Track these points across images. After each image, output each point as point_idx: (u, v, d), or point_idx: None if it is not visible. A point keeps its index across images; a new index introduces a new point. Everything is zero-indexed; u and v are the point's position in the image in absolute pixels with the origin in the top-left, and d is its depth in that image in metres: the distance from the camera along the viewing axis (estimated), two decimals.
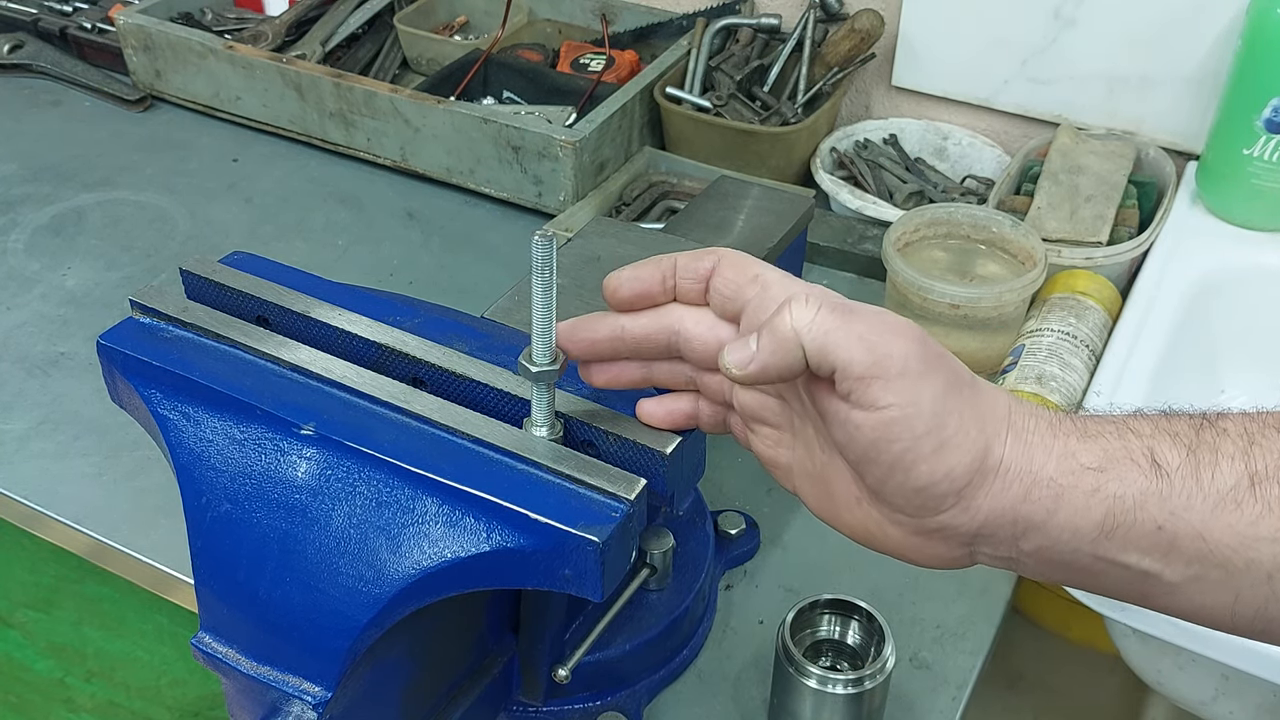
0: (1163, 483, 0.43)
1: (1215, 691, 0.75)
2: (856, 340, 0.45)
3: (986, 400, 0.46)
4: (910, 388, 0.44)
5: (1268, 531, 0.41)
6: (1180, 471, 0.43)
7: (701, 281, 0.52)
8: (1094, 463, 0.44)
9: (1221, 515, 0.42)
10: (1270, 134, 0.99)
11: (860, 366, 0.45)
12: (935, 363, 0.45)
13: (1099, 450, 0.44)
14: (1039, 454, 0.45)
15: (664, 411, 0.56)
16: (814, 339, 0.46)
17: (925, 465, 0.45)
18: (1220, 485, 0.42)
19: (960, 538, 0.47)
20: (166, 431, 0.60)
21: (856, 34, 1.19)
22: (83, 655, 1.04)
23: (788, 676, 0.68)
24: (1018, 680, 1.10)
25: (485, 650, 0.70)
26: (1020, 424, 0.46)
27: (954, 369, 0.46)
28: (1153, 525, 0.43)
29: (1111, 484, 0.44)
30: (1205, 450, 0.43)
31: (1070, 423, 0.46)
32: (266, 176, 1.26)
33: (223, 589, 0.58)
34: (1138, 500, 0.43)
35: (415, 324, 0.64)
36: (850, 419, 0.46)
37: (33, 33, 1.44)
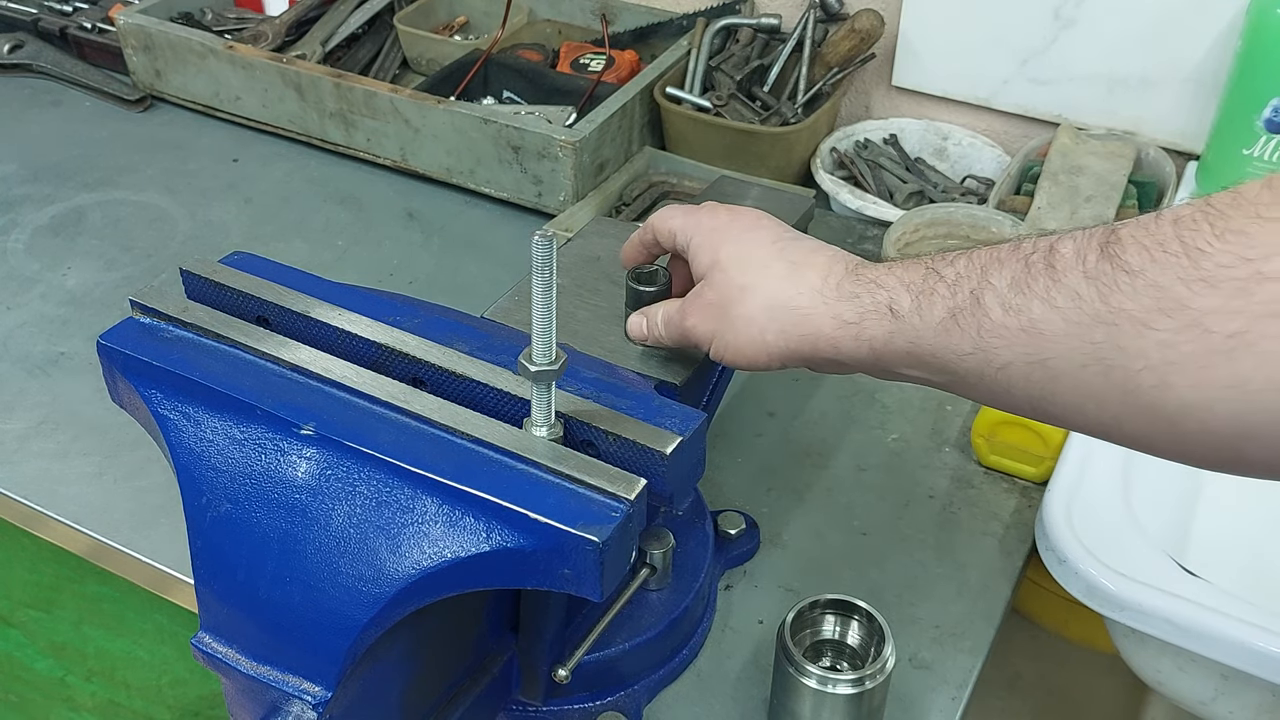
0: (899, 323, 0.59)
1: (1215, 691, 0.75)
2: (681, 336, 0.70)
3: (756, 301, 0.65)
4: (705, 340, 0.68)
5: (968, 347, 0.56)
6: (909, 314, 0.58)
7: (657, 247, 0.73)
8: (853, 318, 0.61)
9: (939, 339, 0.57)
10: (1270, 134, 0.99)
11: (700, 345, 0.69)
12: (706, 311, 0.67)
13: (855, 309, 0.61)
14: (815, 321, 0.62)
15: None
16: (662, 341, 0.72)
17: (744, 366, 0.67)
18: (934, 318, 0.57)
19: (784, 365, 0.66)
20: (166, 431, 0.60)
21: (856, 34, 1.19)
22: (83, 655, 1.04)
23: (788, 676, 0.68)
24: (1017, 680, 1.10)
25: (485, 650, 0.70)
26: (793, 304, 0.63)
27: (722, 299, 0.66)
28: (903, 351, 0.59)
29: (867, 331, 0.60)
30: (926, 295, 0.58)
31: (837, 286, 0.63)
32: (266, 176, 1.26)
33: (223, 589, 0.58)
34: (887, 338, 0.60)
35: (415, 324, 0.64)
36: None
37: (33, 33, 1.44)
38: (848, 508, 0.88)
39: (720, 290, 0.67)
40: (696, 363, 0.73)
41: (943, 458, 0.93)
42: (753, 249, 0.67)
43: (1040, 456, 0.88)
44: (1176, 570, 0.74)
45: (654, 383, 0.71)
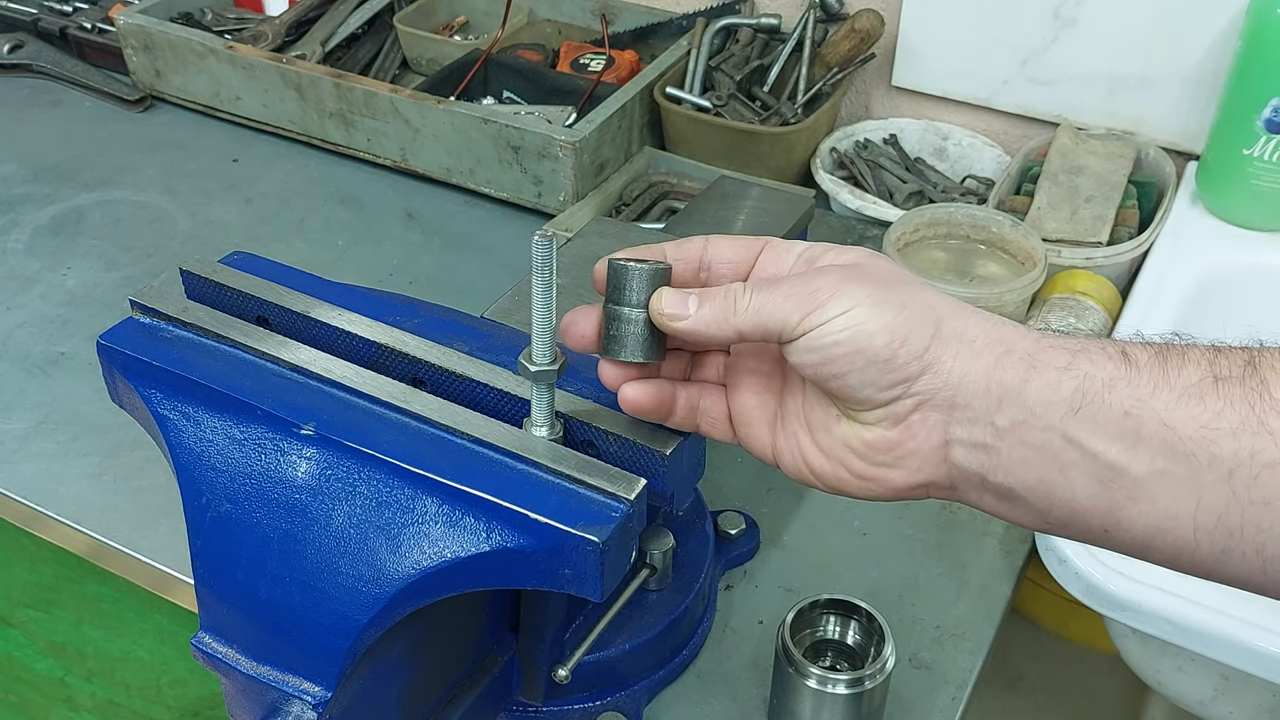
0: (1131, 371, 0.45)
1: (1215, 691, 0.75)
2: (783, 300, 0.50)
3: (938, 294, 0.50)
4: (844, 300, 0.49)
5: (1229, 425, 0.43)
6: (1149, 366, 0.45)
7: (693, 263, 0.55)
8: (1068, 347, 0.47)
9: (1185, 406, 0.44)
10: (1270, 134, 0.99)
11: (796, 314, 0.49)
12: (863, 276, 0.50)
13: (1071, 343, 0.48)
14: (1010, 332, 0.48)
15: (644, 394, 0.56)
16: (748, 319, 0.51)
17: (879, 341, 0.48)
18: (1185, 380, 0.44)
19: (936, 415, 0.49)
20: (166, 431, 0.60)
21: (856, 34, 1.19)
22: (83, 655, 1.04)
23: (788, 676, 0.68)
24: (1018, 680, 1.10)
25: (485, 650, 0.70)
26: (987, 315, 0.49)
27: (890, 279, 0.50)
28: (1120, 409, 0.45)
29: (1083, 364, 0.46)
30: (1173, 354, 0.46)
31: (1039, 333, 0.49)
32: (266, 176, 1.26)
33: (223, 589, 0.58)
34: (1107, 382, 0.45)
35: (415, 324, 0.64)
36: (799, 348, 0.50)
37: (33, 33, 1.44)
38: (848, 508, 0.88)
39: (884, 274, 0.51)
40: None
41: None
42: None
43: None
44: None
45: None
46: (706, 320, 0.51)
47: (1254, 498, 0.43)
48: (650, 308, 0.53)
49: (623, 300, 0.53)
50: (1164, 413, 0.44)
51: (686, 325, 0.52)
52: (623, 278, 0.53)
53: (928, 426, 0.49)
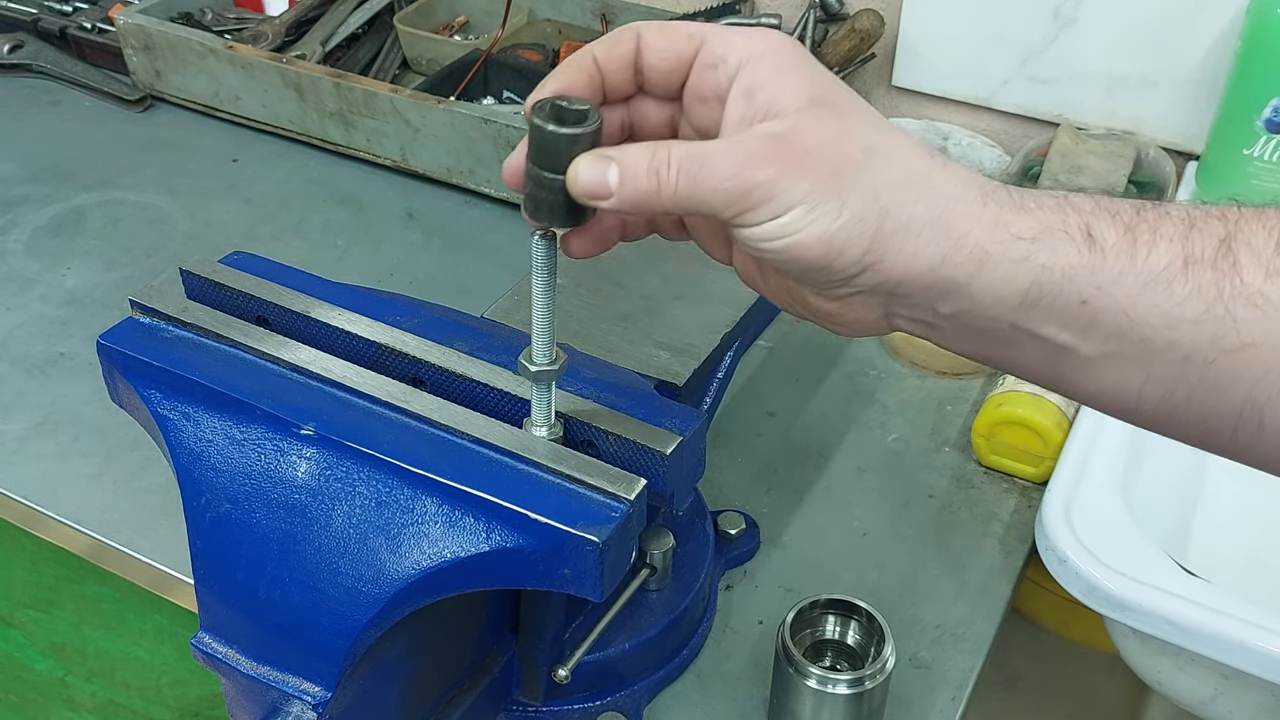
0: (1095, 257, 0.43)
1: (1215, 691, 0.75)
2: (713, 191, 0.45)
3: (886, 169, 0.45)
4: (780, 202, 0.44)
5: (1192, 313, 0.41)
6: (1115, 248, 0.43)
7: (629, 66, 0.50)
8: (1026, 233, 0.44)
9: (1149, 294, 0.42)
10: (1270, 134, 0.99)
11: (727, 211, 0.45)
12: (804, 161, 0.45)
13: (1033, 221, 0.44)
14: (963, 220, 0.44)
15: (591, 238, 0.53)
16: (674, 203, 0.46)
17: (814, 253, 0.45)
18: (1154, 264, 0.42)
19: (875, 298, 0.47)
20: (166, 431, 0.60)
21: (856, 34, 1.19)
22: (83, 655, 1.04)
23: (788, 676, 0.68)
24: (1017, 680, 1.10)
25: (485, 650, 0.70)
26: (941, 189, 0.45)
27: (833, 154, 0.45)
28: (1078, 299, 0.43)
29: (1042, 254, 0.43)
30: (1144, 229, 0.43)
31: (1005, 193, 0.45)
32: (266, 177, 1.26)
33: (223, 589, 0.58)
34: (1066, 273, 0.43)
35: (415, 324, 0.64)
36: (736, 236, 0.47)
37: (33, 33, 1.44)
38: (848, 508, 0.88)
39: (829, 139, 0.45)
40: (699, 360, 0.73)
41: (942, 458, 0.93)
42: (866, 104, 0.48)
43: (1040, 456, 0.88)
44: (1176, 570, 0.73)
45: (654, 383, 0.71)
46: (630, 200, 0.46)
47: (1204, 379, 0.42)
48: (567, 178, 0.48)
49: (542, 164, 0.48)
50: (1125, 301, 0.43)
51: (610, 204, 0.47)
52: (541, 140, 0.47)
53: (866, 306, 0.48)
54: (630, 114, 0.52)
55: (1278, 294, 0.41)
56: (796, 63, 0.47)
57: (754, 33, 0.48)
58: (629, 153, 0.46)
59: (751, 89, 0.47)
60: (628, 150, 0.47)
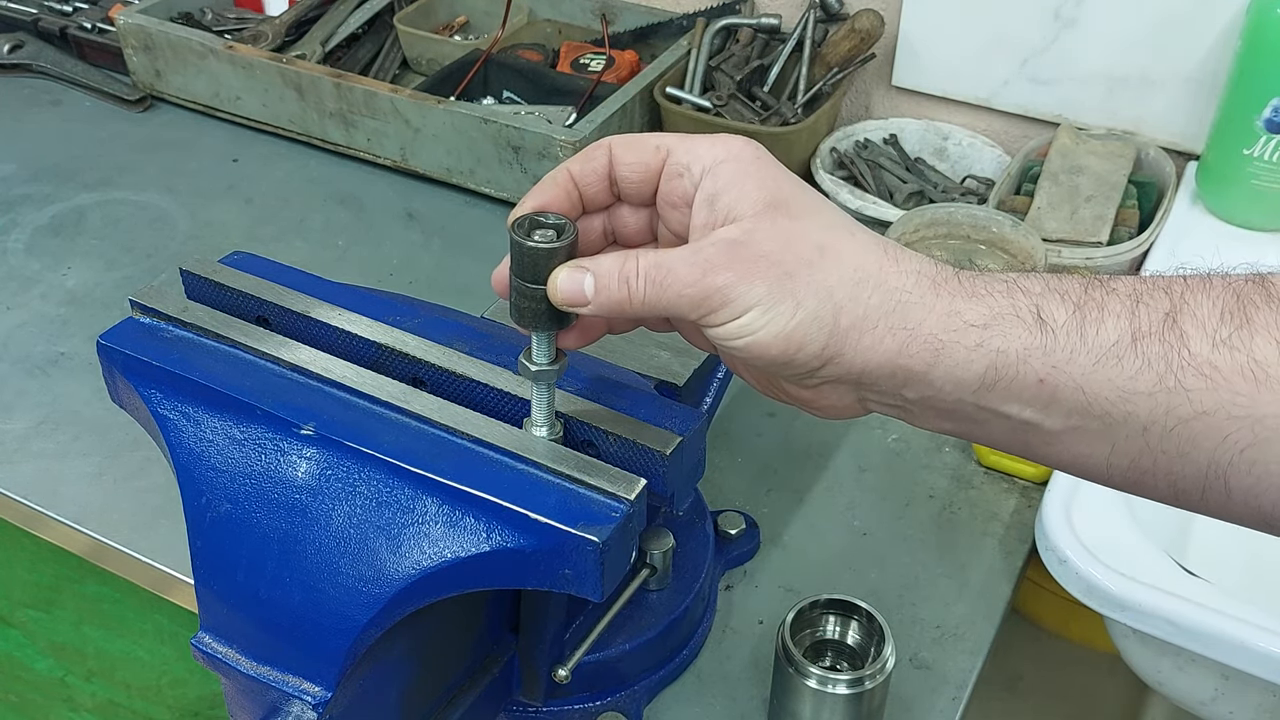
0: (1047, 338, 0.45)
1: (1215, 691, 0.75)
2: (677, 297, 0.48)
3: (837, 269, 0.48)
4: (737, 305, 0.47)
5: (1145, 386, 0.43)
6: (1065, 328, 0.44)
7: (604, 179, 0.53)
8: (978, 320, 0.46)
9: (1102, 370, 0.44)
10: (1270, 134, 0.99)
11: (692, 314, 0.49)
12: (758, 265, 0.47)
13: (984, 308, 0.46)
14: (915, 311, 0.46)
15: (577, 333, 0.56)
16: (644, 310, 0.50)
17: (774, 351, 0.48)
18: (1103, 341, 0.44)
19: (845, 386, 0.50)
20: (166, 431, 0.60)
21: (856, 34, 1.19)
22: (83, 655, 1.04)
23: (788, 676, 0.68)
24: (1017, 681, 1.10)
25: (485, 650, 0.70)
26: (892, 284, 0.47)
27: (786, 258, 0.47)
28: (1034, 379, 0.45)
29: (995, 339, 0.45)
30: (1092, 308, 0.44)
31: (956, 281, 0.47)
32: (266, 176, 1.26)
33: (223, 589, 0.58)
34: (1020, 355, 0.45)
35: (415, 324, 0.64)
36: (705, 334, 0.50)
37: (33, 33, 1.44)
38: (848, 508, 0.88)
39: (782, 243, 0.48)
40: (700, 360, 0.73)
41: (943, 458, 0.93)
42: (820, 203, 0.50)
43: None
44: (1176, 570, 0.73)
45: (654, 383, 0.71)
46: (605, 307, 0.50)
47: (1166, 449, 0.44)
48: (547, 288, 0.51)
49: (524, 275, 0.52)
50: (1080, 378, 0.44)
51: (588, 310, 0.51)
52: (521, 254, 0.51)
53: (838, 393, 0.51)
54: (611, 220, 0.56)
55: (1225, 363, 0.42)
56: (754, 168, 0.50)
57: (716, 139, 0.51)
58: (602, 263, 0.50)
59: (713, 196, 0.50)
60: (600, 261, 0.50)
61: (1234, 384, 0.42)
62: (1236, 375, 0.42)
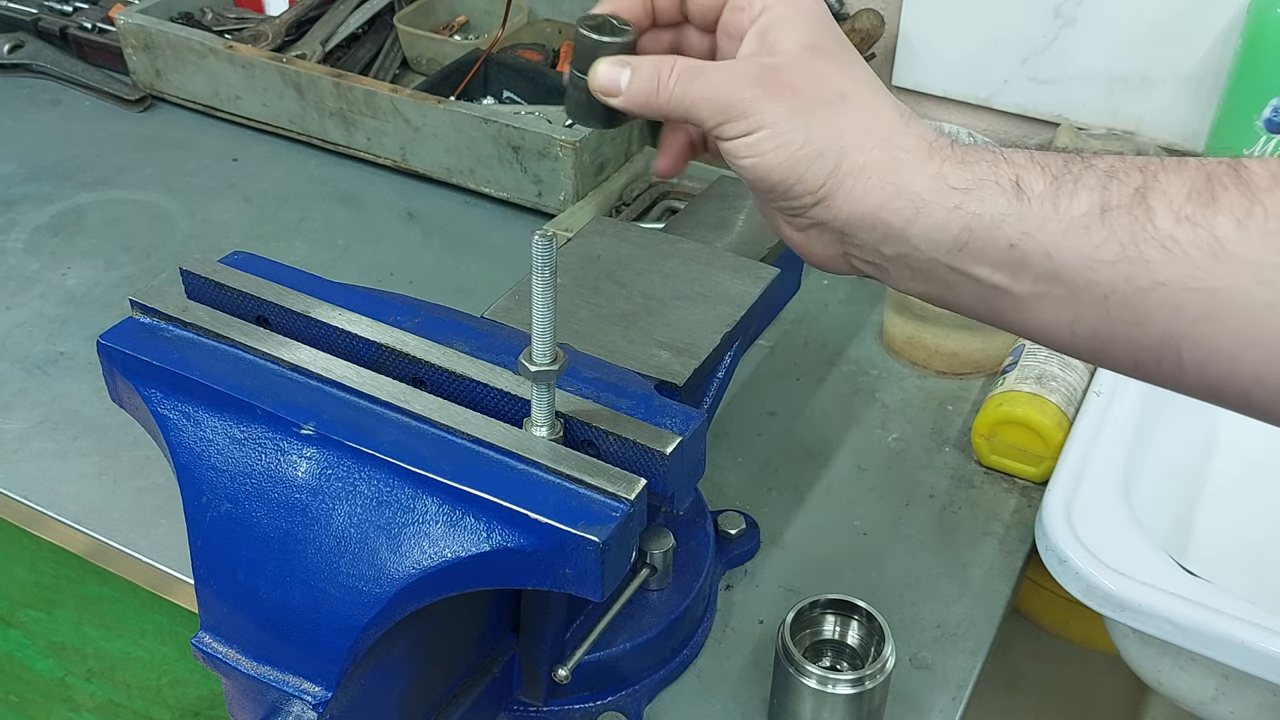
0: (1022, 205, 0.47)
1: (1215, 691, 0.75)
2: (702, 99, 0.53)
3: (854, 116, 0.51)
4: (754, 120, 0.51)
5: (1109, 255, 0.46)
6: (1040, 197, 0.47)
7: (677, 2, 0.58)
8: (961, 184, 0.49)
9: (1070, 238, 0.46)
10: (1270, 134, 0.99)
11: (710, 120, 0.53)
12: (784, 91, 0.51)
13: (969, 174, 0.49)
14: (908, 170, 0.50)
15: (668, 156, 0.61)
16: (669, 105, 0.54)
17: (776, 176, 0.52)
18: (1074, 211, 0.46)
19: (830, 235, 0.54)
20: (166, 431, 0.60)
21: (857, 34, 1.19)
22: (83, 655, 1.04)
23: (788, 676, 0.68)
24: (1018, 680, 1.10)
25: (485, 650, 0.70)
26: (897, 141, 0.51)
27: (811, 92, 0.52)
28: (1006, 243, 0.48)
29: (973, 204, 0.48)
30: (1068, 179, 0.47)
31: (950, 149, 0.50)
32: (266, 176, 1.26)
33: (223, 589, 0.58)
34: (995, 220, 0.48)
35: (415, 324, 0.64)
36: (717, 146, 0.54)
37: (33, 33, 1.44)
38: (848, 507, 0.88)
39: (812, 80, 0.52)
40: (699, 360, 0.73)
41: (943, 457, 0.93)
42: (858, 61, 0.54)
43: (1040, 456, 0.88)
44: (1176, 570, 0.73)
45: (654, 383, 0.71)
46: (635, 99, 0.55)
47: (1124, 317, 0.46)
48: (588, 78, 0.56)
49: (578, 66, 0.57)
50: (1049, 244, 0.47)
51: (619, 102, 0.55)
52: (580, 45, 0.57)
53: (824, 241, 0.54)
54: (679, 39, 0.60)
55: (1186, 237, 0.44)
56: (808, 15, 0.54)
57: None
58: (642, 61, 0.55)
59: (764, 30, 0.54)
60: (642, 59, 0.55)
61: (1192, 257, 0.44)
62: (1195, 249, 0.44)
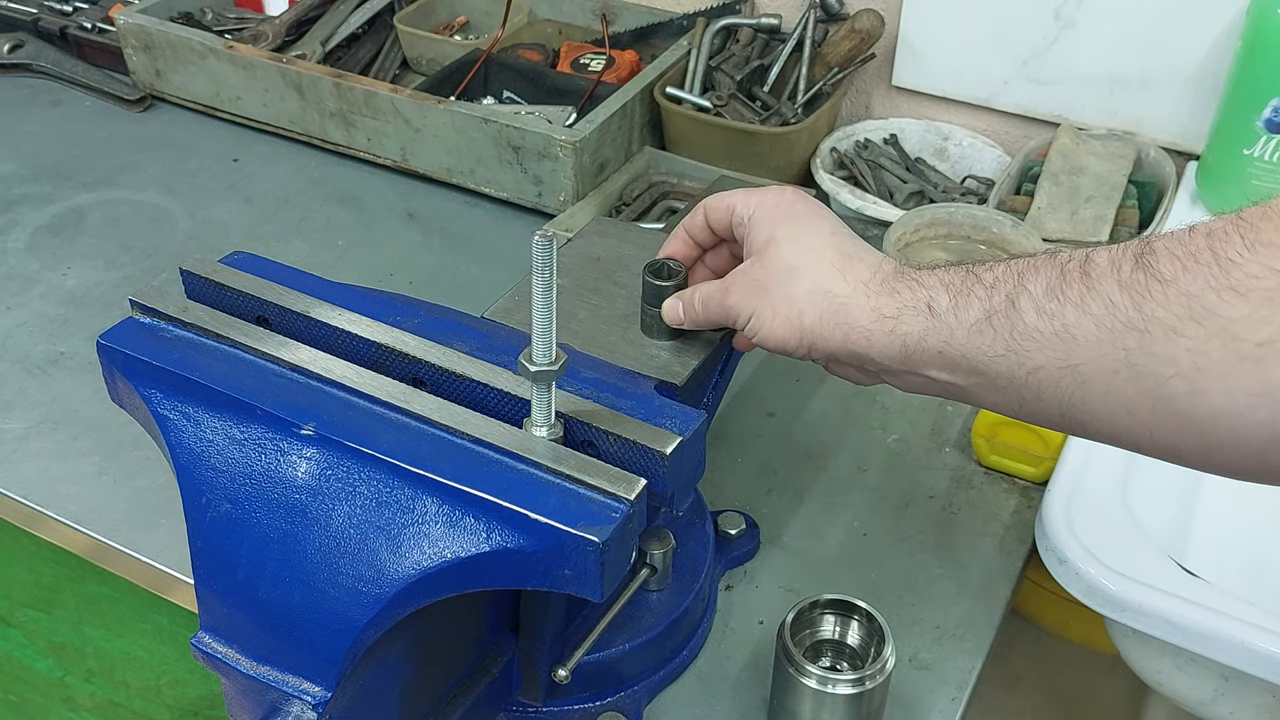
0: (936, 321, 0.59)
1: (1215, 692, 0.75)
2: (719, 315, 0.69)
3: (802, 283, 0.65)
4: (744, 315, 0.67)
5: (1000, 349, 0.56)
6: (946, 312, 0.59)
7: (707, 231, 0.73)
8: (892, 313, 0.61)
9: (972, 340, 0.58)
10: (1270, 134, 0.99)
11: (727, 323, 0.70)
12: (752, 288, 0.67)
13: (895, 304, 0.61)
14: (852, 312, 0.63)
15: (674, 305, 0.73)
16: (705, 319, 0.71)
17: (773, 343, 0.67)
18: (969, 320, 0.58)
19: (837, 365, 0.67)
20: (166, 431, 0.59)
21: (857, 34, 1.19)
22: (83, 655, 1.04)
23: (788, 676, 0.68)
24: (1018, 681, 1.10)
25: (485, 650, 0.70)
26: (838, 292, 0.64)
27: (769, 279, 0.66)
28: (934, 350, 0.60)
29: (903, 326, 0.61)
30: (963, 294, 0.59)
31: (881, 284, 0.63)
32: (266, 176, 1.26)
33: (223, 589, 0.58)
34: (920, 335, 0.60)
35: (415, 324, 0.64)
36: None
37: (33, 33, 1.44)
38: (848, 508, 0.88)
39: (769, 268, 0.67)
40: (699, 360, 0.73)
41: (943, 458, 0.93)
42: (809, 234, 0.67)
43: (1040, 456, 0.88)
44: (1176, 570, 0.73)
45: (654, 383, 0.71)
46: (694, 324, 0.72)
47: (1027, 396, 0.57)
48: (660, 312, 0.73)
49: (649, 301, 0.73)
50: (961, 348, 0.59)
51: (687, 325, 0.72)
52: (647, 288, 0.73)
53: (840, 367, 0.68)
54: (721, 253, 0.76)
55: (1045, 327, 0.55)
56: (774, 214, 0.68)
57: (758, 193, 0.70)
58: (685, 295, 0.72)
59: (747, 239, 0.69)
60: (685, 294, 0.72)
61: (1052, 344, 0.54)
62: (1054, 336, 0.54)
